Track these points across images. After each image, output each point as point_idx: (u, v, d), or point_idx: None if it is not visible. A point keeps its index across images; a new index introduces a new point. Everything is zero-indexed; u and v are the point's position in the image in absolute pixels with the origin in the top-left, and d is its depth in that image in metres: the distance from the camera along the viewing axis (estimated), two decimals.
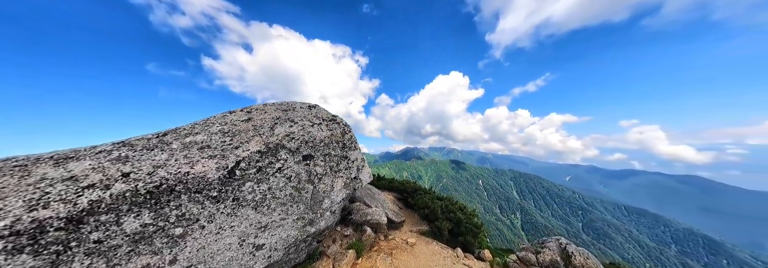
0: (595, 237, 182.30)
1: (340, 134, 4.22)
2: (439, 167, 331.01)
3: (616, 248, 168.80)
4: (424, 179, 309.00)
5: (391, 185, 10.80)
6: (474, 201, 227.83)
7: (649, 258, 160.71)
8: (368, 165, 5.04)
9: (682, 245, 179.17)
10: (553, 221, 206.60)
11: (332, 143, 4.04)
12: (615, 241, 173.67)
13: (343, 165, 4.25)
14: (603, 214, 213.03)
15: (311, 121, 4.12)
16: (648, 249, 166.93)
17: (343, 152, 4.25)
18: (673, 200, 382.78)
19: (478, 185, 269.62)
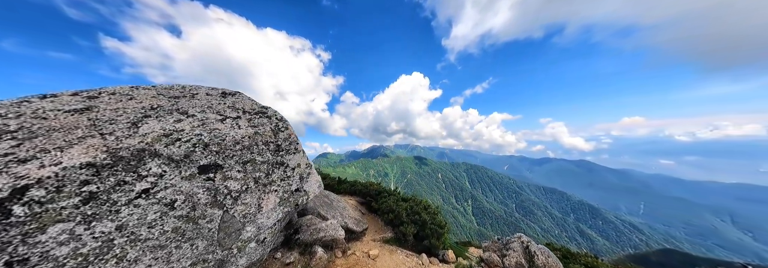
0: (524, 214, 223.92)
1: (270, 133, 3.00)
2: (404, 164, 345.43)
3: (538, 221, 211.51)
4: (390, 176, 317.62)
5: (353, 188, 9.80)
6: (434, 193, 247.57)
7: (556, 226, 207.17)
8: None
9: (577, 213, 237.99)
10: (495, 204, 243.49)
11: (258, 144, 2.81)
12: (536, 216, 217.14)
13: (278, 175, 3.07)
14: (529, 195, 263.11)
15: (221, 115, 2.76)
16: (556, 219, 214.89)
17: (277, 157, 3.06)
18: (572, 179, 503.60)
19: (438, 179, 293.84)
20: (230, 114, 2.84)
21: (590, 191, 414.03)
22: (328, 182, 10.92)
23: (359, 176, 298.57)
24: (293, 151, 3.32)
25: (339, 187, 10.34)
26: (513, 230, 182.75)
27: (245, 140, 2.69)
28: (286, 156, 3.19)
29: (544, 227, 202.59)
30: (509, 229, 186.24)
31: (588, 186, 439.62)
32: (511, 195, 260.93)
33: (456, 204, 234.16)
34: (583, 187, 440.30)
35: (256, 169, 2.79)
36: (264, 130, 2.93)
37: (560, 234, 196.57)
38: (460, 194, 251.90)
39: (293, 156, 3.31)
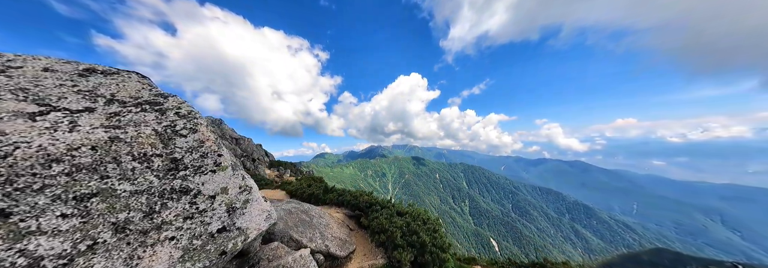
0: (520, 214, 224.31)
1: (154, 139, 1.65)
2: (402, 164, 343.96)
3: (533, 221, 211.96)
4: (388, 176, 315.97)
5: (341, 198, 8.44)
6: (432, 194, 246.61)
7: (552, 226, 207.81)
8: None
9: (572, 213, 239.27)
10: (492, 205, 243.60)
11: (119, 161, 1.48)
12: (532, 216, 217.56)
13: (177, 210, 1.74)
14: (526, 195, 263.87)
15: (45, 105, 1.42)
16: (552, 219, 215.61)
17: (175, 181, 1.73)
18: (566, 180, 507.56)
19: (436, 179, 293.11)
20: (72, 104, 1.48)
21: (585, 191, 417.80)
22: (313, 190, 9.55)
23: (357, 176, 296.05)
24: (210, 167, 1.96)
25: (325, 196, 8.97)
26: (509, 231, 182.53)
27: (80, 153, 1.33)
28: (194, 178, 1.85)
29: (539, 227, 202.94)
30: (505, 229, 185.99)
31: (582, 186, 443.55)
32: (507, 195, 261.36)
33: (453, 204, 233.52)
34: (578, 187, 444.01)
35: (118, 206, 1.45)
36: (138, 135, 1.57)
37: (556, 234, 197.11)
38: (457, 194, 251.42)
39: (211, 177, 1.96)
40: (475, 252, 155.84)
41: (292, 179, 18.79)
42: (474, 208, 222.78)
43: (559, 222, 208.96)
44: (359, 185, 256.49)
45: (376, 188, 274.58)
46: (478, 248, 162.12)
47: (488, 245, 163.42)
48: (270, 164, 22.89)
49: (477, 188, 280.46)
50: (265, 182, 11.57)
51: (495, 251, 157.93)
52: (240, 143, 20.64)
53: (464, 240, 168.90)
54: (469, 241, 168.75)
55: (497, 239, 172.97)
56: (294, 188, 9.61)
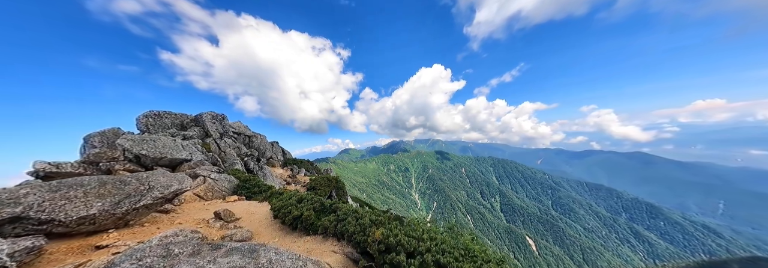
0: (563, 212, 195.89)
1: None
2: (425, 159, 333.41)
3: (579, 220, 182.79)
4: (411, 171, 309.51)
5: (342, 228, 4.07)
6: (458, 189, 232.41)
7: (604, 226, 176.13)
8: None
9: (631, 212, 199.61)
10: (528, 201, 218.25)
11: None
12: (578, 214, 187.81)
13: None
14: (568, 191, 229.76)
15: None
16: (604, 219, 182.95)
17: None
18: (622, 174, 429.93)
19: (461, 174, 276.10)
20: None
21: (647, 187, 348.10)
22: (303, 211, 4.70)
23: (380, 171, 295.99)
24: None
25: (318, 222, 4.83)
26: (549, 229, 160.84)
27: None
28: None
29: (587, 227, 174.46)
30: (544, 227, 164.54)
31: (644, 182, 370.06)
32: (545, 191, 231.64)
33: (482, 200, 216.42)
34: (638, 182, 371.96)
35: None
36: None
37: (608, 235, 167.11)
38: (486, 189, 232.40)
39: None
40: (508, 251, 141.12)
41: (306, 178, 16.80)
42: (506, 204, 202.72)
43: (613, 222, 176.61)
44: (383, 180, 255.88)
45: (400, 183, 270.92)
46: (511, 246, 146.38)
47: (523, 244, 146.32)
48: (284, 162, 20.42)
49: (509, 183, 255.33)
50: (257, 190, 8.19)
51: (531, 251, 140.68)
52: (253, 140, 18.49)
53: (495, 238, 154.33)
54: (500, 239, 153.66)
55: (534, 237, 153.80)
56: (281, 203, 5.75)
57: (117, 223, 4.51)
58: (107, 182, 4.48)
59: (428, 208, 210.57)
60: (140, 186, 4.91)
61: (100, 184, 4.38)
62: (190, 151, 9.89)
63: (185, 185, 5.68)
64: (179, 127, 13.79)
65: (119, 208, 4.41)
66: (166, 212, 6.18)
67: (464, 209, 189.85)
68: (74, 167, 7.05)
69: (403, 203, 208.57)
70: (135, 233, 4.60)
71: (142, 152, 8.04)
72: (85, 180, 4.21)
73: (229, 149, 14.09)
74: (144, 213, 4.95)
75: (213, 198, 8.04)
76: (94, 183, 4.29)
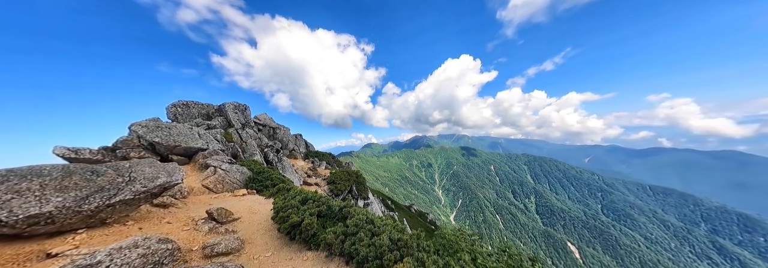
0: (616, 218, 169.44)
1: None
2: (449, 155, 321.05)
3: (638, 228, 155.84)
4: (434, 167, 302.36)
5: (352, 246, 3.16)
6: (486, 187, 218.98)
7: (675, 238, 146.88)
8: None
9: (713, 223, 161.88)
10: (570, 203, 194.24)
11: None
12: (637, 221, 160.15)
13: None
14: (625, 195, 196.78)
15: None
16: (674, 229, 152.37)
17: None
18: (704, 177, 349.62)
19: (490, 171, 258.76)
20: None
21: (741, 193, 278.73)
22: (305, 216, 4.09)
23: (402, 166, 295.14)
24: None
25: (323, 233, 3.89)
26: (597, 236, 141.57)
27: None
28: None
29: (649, 237, 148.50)
30: (591, 234, 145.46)
31: (737, 187, 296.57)
32: (593, 193, 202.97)
33: (514, 200, 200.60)
34: (727, 187, 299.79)
35: None
36: None
37: (680, 249, 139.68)
38: (519, 188, 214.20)
39: None
40: (545, 256, 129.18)
41: (326, 172, 16.76)
42: (543, 205, 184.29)
43: (686, 233, 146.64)
44: (405, 175, 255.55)
45: (422, 179, 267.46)
46: (549, 251, 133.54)
47: (564, 250, 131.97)
48: (306, 155, 20.78)
49: (547, 183, 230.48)
50: (269, 183, 7.75)
51: (574, 258, 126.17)
52: (276, 132, 19.14)
53: (529, 241, 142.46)
54: (535, 242, 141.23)
55: (578, 244, 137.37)
56: (283, 203, 4.96)
57: (88, 222, 3.72)
58: (74, 172, 3.67)
59: (452, 205, 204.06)
60: (117, 178, 4.06)
61: (65, 174, 3.57)
62: (207, 140, 9.58)
63: (175, 177, 4.79)
64: (205, 117, 14.07)
65: (87, 204, 3.57)
66: (165, 207, 5.53)
67: (493, 208, 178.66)
68: (92, 154, 6.94)
69: (426, 199, 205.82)
70: (109, 235, 3.78)
71: (155, 140, 7.76)
72: (45, 169, 3.41)
73: (251, 139, 13.93)
74: (123, 210, 4.13)
75: (223, 191, 7.39)
76: (56, 173, 3.48)
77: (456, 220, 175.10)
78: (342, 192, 15.75)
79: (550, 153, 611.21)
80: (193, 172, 7.98)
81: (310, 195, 5.31)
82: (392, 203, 42.93)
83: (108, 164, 4.21)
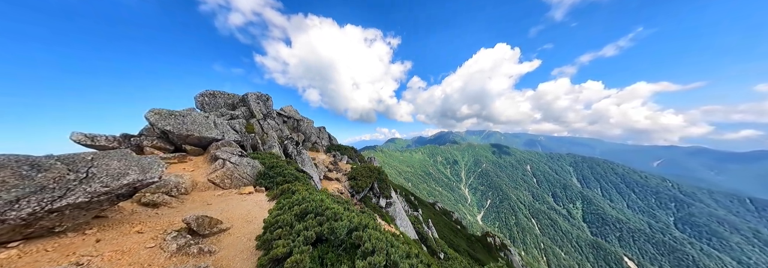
0: (696, 235, 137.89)
1: None
2: (478, 152, 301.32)
3: (730, 249, 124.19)
4: (461, 164, 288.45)
5: None
6: (520, 188, 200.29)
7: None
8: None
9: None
10: (630, 213, 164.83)
11: None
12: (728, 241, 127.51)
13: None
14: (711, 208, 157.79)
15: None
16: None
17: None
18: None
19: (526, 171, 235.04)
20: None
21: None
22: (291, 247, 2.85)
23: (426, 162, 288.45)
24: None
25: None
26: (666, 253, 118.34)
27: None
28: None
29: (742, 261, 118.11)
30: (657, 250, 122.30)
31: None
32: (664, 203, 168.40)
33: (555, 204, 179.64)
34: None
35: None
36: None
37: None
38: (561, 192, 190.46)
39: None
40: None
41: (348, 166, 16.38)
42: (592, 213, 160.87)
43: None
44: (429, 171, 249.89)
45: (447, 176, 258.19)
46: (598, 264, 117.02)
47: (618, 264, 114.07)
48: (328, 148, 20.72)
49: (598, 188, 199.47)
50: (281, 179, 6.93)
51: None
52: (300, 124, 19.43)
53: (572, 250, 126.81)
54: (580, 252, 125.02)
55: (638, 259, 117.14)
56: (275, 218, 3.62)
57: (25, 232, 2.79)
58: (4, 165, 2.72)
59: (480, 205, 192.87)
60: (68, 174, 3.08)
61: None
62: (223, 130, 9.05)
63: (150, 174, 3.75)
64: (230, 107, 14.09)
65: (15, 210, 2.61)
66: (155, 206, 4.72)
67: (528, 211, 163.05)
68: (108, 141, 6.68)
69: (451, 197, 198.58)
70: (50, 251, 2.83)
71: (166, 128, 7.30)
72: None
73: (272, 130, 13.47)
74: (79, 216, 3.18)
75: (230, 187, 6.55)
76: None
77: (484, 221, 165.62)
78: (363, 189, 14.57)
79: (605, 154, 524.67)
80: (204, 164, 7.36)
81: (314, 206, 3.81)
82: (415, 198, 41.18)
83: (62, 155, 3.27)
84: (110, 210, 4.04)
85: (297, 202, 4.09)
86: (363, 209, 12.59)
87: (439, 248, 18.53)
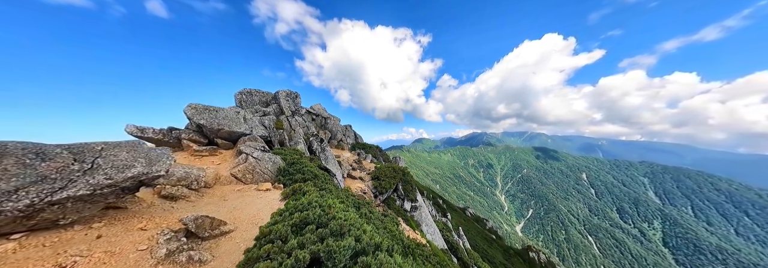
0: None
1: None
2: (518, 155, 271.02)
3: None
4: (496, 168, 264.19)
5: None
6: (572, 199, 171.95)
7: None
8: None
9: None
10: (739, 241, 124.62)
11: None
12: None
13: None
14: None
15: None
16: None
17: None
18: None
19: (580, 180, 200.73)
20: None
21: None
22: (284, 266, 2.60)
23: (456, 164, 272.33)
24: None
25: None
26: None
27: None
28: None
29: None
30: None
31: None
32: None
33: (621, 222, 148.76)
34: None
35: None
36: None
37: None
38: (631, 208, 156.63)
39: None
40: None
41: (371, 166, 16.20)
42: (679, 237, 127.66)
43: None
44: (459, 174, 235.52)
45: (480, 180, 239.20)
46: None
47: None
48: (353, 146, 21.19)
49: (689, 207, 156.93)
50: (300, 177, 6.83)
51: None
52: (327, 122, 20.43)
53: None
54: None
55: None
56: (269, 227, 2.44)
57: (27, 224, 2.66)
58: (9, 152, 2.61)
59: (519, 214, 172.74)
60: (72, 165, 2.91)
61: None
62: (252, 125, 9.28)
63: (156, 167, 3.48)
64: (263, 104, 14.90)
65: (12, 201, 2.45)
66: (173, 199, 4.64)
67: (583, 226, 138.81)
68: (155, 133, 7.25)
69: (484, 203, 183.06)
70: (49, 246, 2.65)
71: (200, 122, 7.65)
72: None
73: (299, 127, 13.69)
74: (84, 209, 3.01)
75: (251, 182, 6.40)
76: None
77: (525, 232, 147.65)
78: (387, 190, 13.68)
79: (699, 163, 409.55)
80: (230, 158, 7.47)
81: (317, 214, 3.00)
82: (443, 202, 38.48)
83: (73, 144, 3.16)
84: (130, 201, 3.98)
85: (301, 207, 3.35)
86: (385, 211, 11.67)
87: (471, 261, 16.42)
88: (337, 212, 3.43)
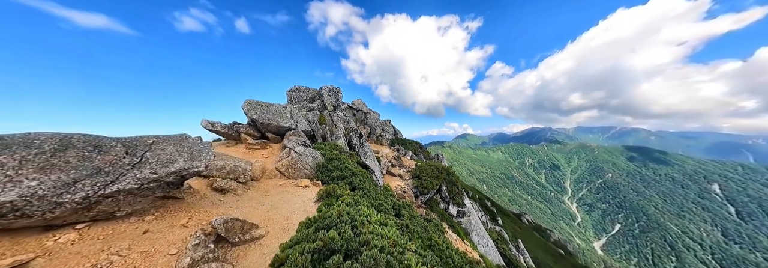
0: None
1: None
2: (599, 156, 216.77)
3: None
4: (565, 170, 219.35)
5: None
6: (689, 217, 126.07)
7: None
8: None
9: None
10: None
11: None
12: None
13: None
14: None
15: None
16: None
17: None
18: None
19: (706, 191, 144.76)
20: None
21: None
22: None
23: (509, 163, 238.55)
24: None
25: None
26: None
27: None
28: None
29: None
30: None
31: None
32: None
33: None
34: None
35: None
36: None
37: None
38: None
39: None
40: None
41: (411, 163, 15.82)
42: None
43: None
44: (512, 175, 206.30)
45: (540, 183, 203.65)
46: None
47: None
48: (392, 141, 21.22)
49: None
50: (338, 174, 6.56)
51: None
52: (367, 117, 21.11)
53: None
54: None
55: None
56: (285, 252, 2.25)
57: (89, 215, 2.77)
58: (72, 145, 2.72)
59: (600, 228, 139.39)
60: (124, 158, 2.93)
61: (60, 148, 2.66)
62: (297, 120, 9.52)
63: (197, 162, 3.35)
64: (310, 100, 15.64)
65: (70, 193, 2.51)
66: (223, 192, 4.74)
67: (711, 255, 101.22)
68: (222, 127, 8.11)
69: (546, 210, 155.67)
70: (103, 238, 2.70)
71: (254, 117, 8.14)
72: (38, 139, 2.57)
73: (340, 122, 13.71)
74: (135, 202, 3.06)
75: (293, 176, 6.32)
76: (48, 146, 2.60)
77: (608, 252, 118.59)
78: (429, 191, 12.32)
79: None
80: (277, 152, 7.69)
81: (345, 238, 2.14)
82: (492, 204, 33.84)
83: (129, 137, 3.24)
84: (186, 192, 4.13)
85: (329, 221, 2.55)
86: (428, 215, 10.41)
87: None
88: (373, 229, 2.48)
